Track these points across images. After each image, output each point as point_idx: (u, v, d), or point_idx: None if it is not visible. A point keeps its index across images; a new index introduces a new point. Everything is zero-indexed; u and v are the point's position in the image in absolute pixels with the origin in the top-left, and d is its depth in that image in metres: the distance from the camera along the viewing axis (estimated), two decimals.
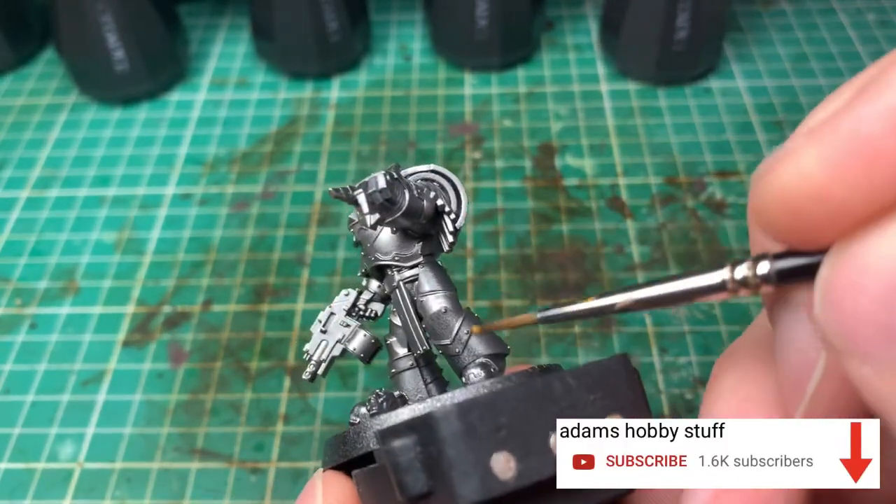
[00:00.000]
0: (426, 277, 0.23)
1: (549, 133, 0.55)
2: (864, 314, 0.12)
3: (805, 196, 0.13)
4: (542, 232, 0.48)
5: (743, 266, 0.15)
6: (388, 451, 0.17)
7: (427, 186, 0.23)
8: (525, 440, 0.17)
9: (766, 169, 0.14)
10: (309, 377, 0.24)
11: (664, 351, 0.41)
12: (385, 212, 0.21)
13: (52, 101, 0.59)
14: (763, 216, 0.14)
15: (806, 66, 0.58)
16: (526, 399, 0.17)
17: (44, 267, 0.48)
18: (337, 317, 0.24)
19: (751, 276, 0.15)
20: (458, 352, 0.22)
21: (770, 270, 0.14)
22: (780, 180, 0.13)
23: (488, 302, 0.44)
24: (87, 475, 0.38)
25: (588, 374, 0.18)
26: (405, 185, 0.21)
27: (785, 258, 0.14)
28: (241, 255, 0.48)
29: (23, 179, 0.53)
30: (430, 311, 0.22)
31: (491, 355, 0.22)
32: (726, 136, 0.53)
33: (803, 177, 0.13)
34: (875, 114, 0.12)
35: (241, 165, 0.53)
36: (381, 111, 0.57)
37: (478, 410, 0.17)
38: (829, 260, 0.13)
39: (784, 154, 0.13)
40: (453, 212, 0.22)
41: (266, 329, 0.44)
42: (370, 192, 0.20)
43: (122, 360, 0.43)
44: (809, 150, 0.13)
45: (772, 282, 0.14)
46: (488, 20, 0.56)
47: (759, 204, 0.14)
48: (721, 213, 0.48)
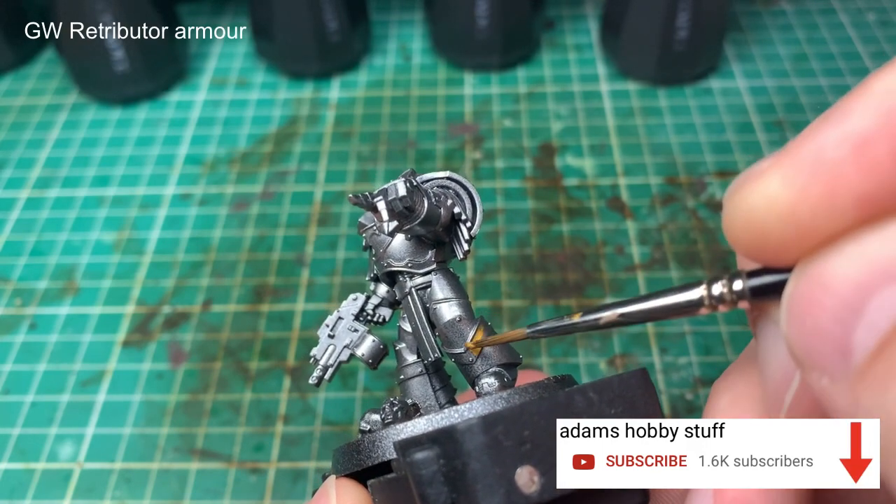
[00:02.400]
0: (439, 285, 0.23)
1: (550, 133, 0.55)
2: (822, 330, 0.13)
3: (771, 217, 0.13)
4: (542, 232, 0.48)
5: (719, 284, 0.15)
6: (410, 463, 0.17)
7: (443, 194, 0.23)
8: (548, 454, 0.17)
9: (735, 190, 0.14)
10: (316, 381, 0.24)
11: (664, 351, 0.41)
12: (404, 219, 0.21)
13: (51, 101, 0.59)
14: (733, 235, 0.15)
15: (806, 66, 0.58)
16: (549, 413, 0.17)
17: (43, 267, 0.48)
18: (345, 321, 0.24)
19: (726, 293, 0.15)
20: (471, 360, 0.22)
21: (744, 287, 0.15)
22: (747, 202, 0.14)
23: (489, 302, 0.44)
24: (86, 475, 0.38)
25: (609, 388, 0.18)
26: (424, 193, 0.21)
27: (758, 276, 0.15)
28: (240, 255, 0.48)
29: (23, 180, 0.53)
30: (444, 319, 0.22)
31: (504, 365, 0.22)
32: (726, 136, 0.53)
33: (769, 198, 0.13)
34: (835, 140, 0.12)
35: (241, 165, 0.53)
36: (381, 111, 0.57)
37: (502, 424, 0.16)
38: (793, 277, 0.13)
39: (751, 176, 0.14)
40: (469, 220, 0.22)
41: (266, 329, 0.44)
42: (390, 200, 0.20)
43: (122, 361, 0.43)
44: (775, 173, 0.13)
45: (746, 298, 0.15)
46: (488, 20, 0.56)
47: (729, 223, 0.14)
48: (721, 213, 0.48)
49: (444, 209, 0.22)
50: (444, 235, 0.23)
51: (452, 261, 0.24)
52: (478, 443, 0.16)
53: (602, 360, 0.41)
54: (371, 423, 0.22)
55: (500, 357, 0.22)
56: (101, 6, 0.53)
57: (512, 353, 0.22)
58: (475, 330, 0.22)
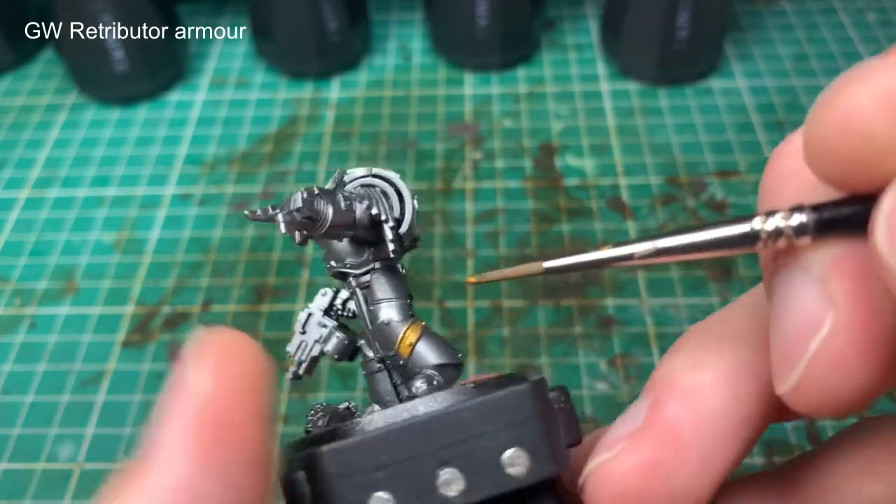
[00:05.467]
0: (377, 284, 0.22)
1: (550, 133, 0.55)
2: None
3: (881, 116, 0.12)
4: (542, 232, 0.48)
5: (776, 216, 0.14)
6: (284, 484, 0.17)
7: (367, 194, 0.22)
8: (409, 480, 0.16)
9: (835, 91, 0.13)
10: (291, 376, 0.24)
11: (665, 352, 0.41)
12: (308, 230, 0.20)
13: (51, 101, 0.59)
14: (822, 145, 0.13)
15: (807, 66, 0.58)
16: (412, 434, 0.16)
17: (43, 267, 0.48)
18: (315, 317, 0.24)
19: (786, 227, 0.14)
20: (401, 363, 0.21)
21: (808, 221, 0.14)
22: (853, 100, 0.12)
23: (488, 302, 0.44)
24: (86, 476, 0.38)
25: (488, 407, 0.17)
26: (330, 200, 0.20)
27: (824, 209, 0.14)
28: (240, 255, 0.48)
29: (22, 180, 0.53)
30: (375, 321, 0.22)
31: (438, 366, 0.21)
32: (727, 136, 0.53)
33: (883, 94, 0.12)
34: None
35: (241, 165, 0.53)
36: (381, 111, 0.57)
37: (358, 449, 0.16)
38: (893, 189, 0.12)
39: (859, 73, 0.13)
40: (391, 219, 0.21)
41: (266, 329, 0.44)
42: (287, 212, 0.20)
43: (122, 361, 0.43)
44: (890, 68, 0.12)
45: (808, 233, 0.14)
46: (488, 20, 0.56)
47: (820, 130, 0.13)
48: (722, 214, 0.48)
49: (361, 212, 0.21)
50: (371, 236, 0.22)
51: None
52: (332, 469, 0.16)
53: (602, 360, 0.41)
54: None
55: (436, 357, 0.21)
56: (100, 6, 0.53)
57: (449, 352, 0.21)
58: (404, 331, 0.21)
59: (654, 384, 0.18)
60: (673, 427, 0.17)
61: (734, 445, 0.17)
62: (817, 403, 0.15)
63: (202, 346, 0.16)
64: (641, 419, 0.17)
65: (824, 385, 0.14)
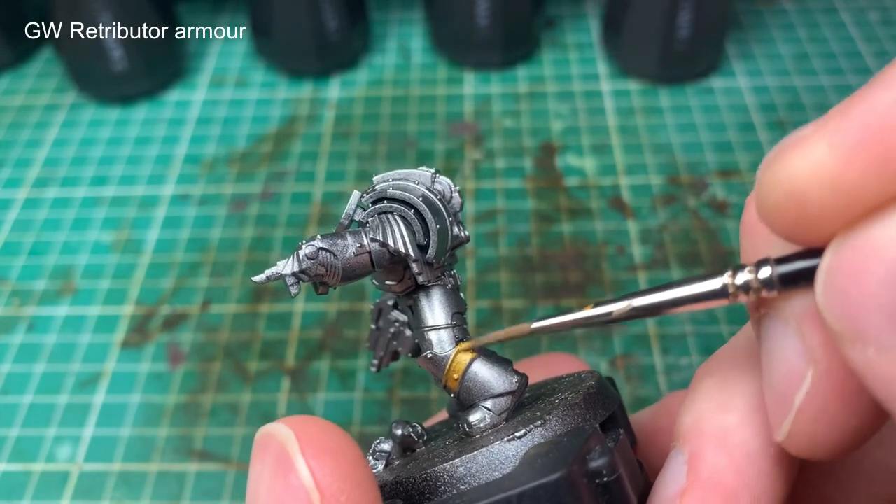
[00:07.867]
0: (419, 308, 0.21)
1: (550, 133, 0.54)
2: (868, 297, 0.12)
3: (815, 184, 0.13)
4: (542, 232, 0.48)
5: (744, 271, 0.15)
6: None
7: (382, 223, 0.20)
8: None
9: (774, 158, 0.13)
10: (375, 369, 0.23)
11: (666, 352, 0.41)
12: (321, 286, 0.20)
13: (50, 101, 0.59)
14: (769, 207, 0.14)
15: (808, 66, 0.58)
16: None
17: (41, 267, 0.47)
18: (385, 312, 0.23)
19: (753, 281, 0.14)
20: (452, 395, 0.21)
21: (772, 275, 0.14)
22: (789, 168, 0.13)
23: (489, 302, 0.44)
24: (85, 477, 0.38)
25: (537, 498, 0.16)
26: (336, 251, 0.20)
27: (787, 262, 0.14)
28: (239, 255, 0.47)
29: (20, 179, 0.53)
30: (423, 350, 0.21)
31: (495, 396, 0.20)
32: (728, 136, 0.53)
33: (814, 164, 0.13)
34: (887, 102, 0.12)
35: (240, 165, 0.53)
36: (381, 111, 0.57)
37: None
38: (832, 248, 0.13)
39: (793, 142, 0.13)
40: (412, 251, 0.20)
41: (265, 330, 0.43)
42: (292, 273, 0.19)
43: (120, 361, 0.42)
44: (821, 138, 0.12)
45: (774, 287, 0.14)
46: (489, 19, 0.56)
47: (766, 194, 0.14)
48: (723, 213, 0.48)
49: (375, 250, 0.20)
50: (399, 266, 0.21)
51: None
52: None
53: (603, 360, 0.41)
54: (379, 451, 0.21)
55: (485, 389, 0.20)
56: (99, 5, 0.53)
57: (500, 380, 0.20)
58: (448, 364, 0.20)
59: (685, 436, 0.18)
60: (718, 479, 0.17)
61: (780, 475, 0.17)
62: (810, 450, 0.15)
63: (303, 440, 0.16)
64: (684, 477, 0.17)
65: (813, 435, 0.15)
